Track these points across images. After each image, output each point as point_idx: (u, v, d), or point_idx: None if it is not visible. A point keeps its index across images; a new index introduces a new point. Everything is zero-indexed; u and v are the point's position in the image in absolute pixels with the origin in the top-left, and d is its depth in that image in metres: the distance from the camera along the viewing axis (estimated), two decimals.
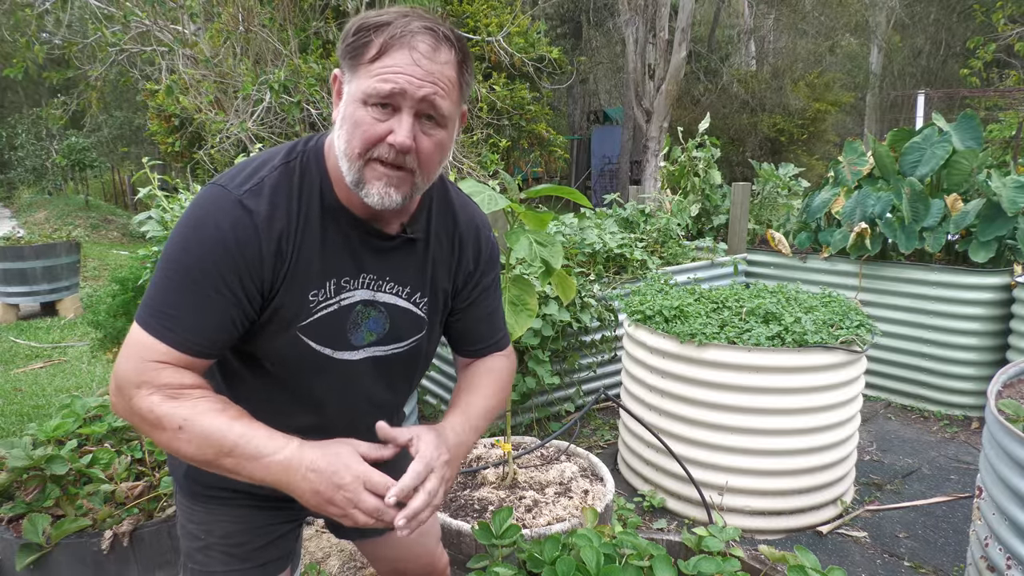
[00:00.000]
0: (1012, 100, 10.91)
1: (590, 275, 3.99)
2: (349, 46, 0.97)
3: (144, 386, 0.96)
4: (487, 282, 1.28)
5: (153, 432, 0.96)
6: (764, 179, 5.72)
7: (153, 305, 0.98)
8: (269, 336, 1.06)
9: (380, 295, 1.12)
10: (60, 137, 14.79)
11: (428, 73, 0.95)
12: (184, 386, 0.97)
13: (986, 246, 3.68)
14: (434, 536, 1.54)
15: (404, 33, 0.94)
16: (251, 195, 1.00)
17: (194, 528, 1.25)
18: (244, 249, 0.98)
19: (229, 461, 0.93)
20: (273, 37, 6.44)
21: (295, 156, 1.06)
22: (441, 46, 0.96)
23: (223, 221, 0.98)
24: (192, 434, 0.93)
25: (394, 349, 1.17)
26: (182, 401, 0.95)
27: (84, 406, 2.12)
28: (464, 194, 1.26)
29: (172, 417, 0.94)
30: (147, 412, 0.95)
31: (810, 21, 16.65)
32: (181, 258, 0.98)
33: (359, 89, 0.96)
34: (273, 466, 0.93)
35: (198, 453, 0.94)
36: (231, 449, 0.93)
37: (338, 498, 0.92)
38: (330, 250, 1.06)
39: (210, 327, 0.99)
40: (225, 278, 0.97)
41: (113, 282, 2.78)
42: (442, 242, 1.18)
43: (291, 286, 1.03)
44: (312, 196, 1.04)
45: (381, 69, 0.94)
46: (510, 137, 9.87)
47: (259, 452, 0.93)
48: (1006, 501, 1.72)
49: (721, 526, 1.34)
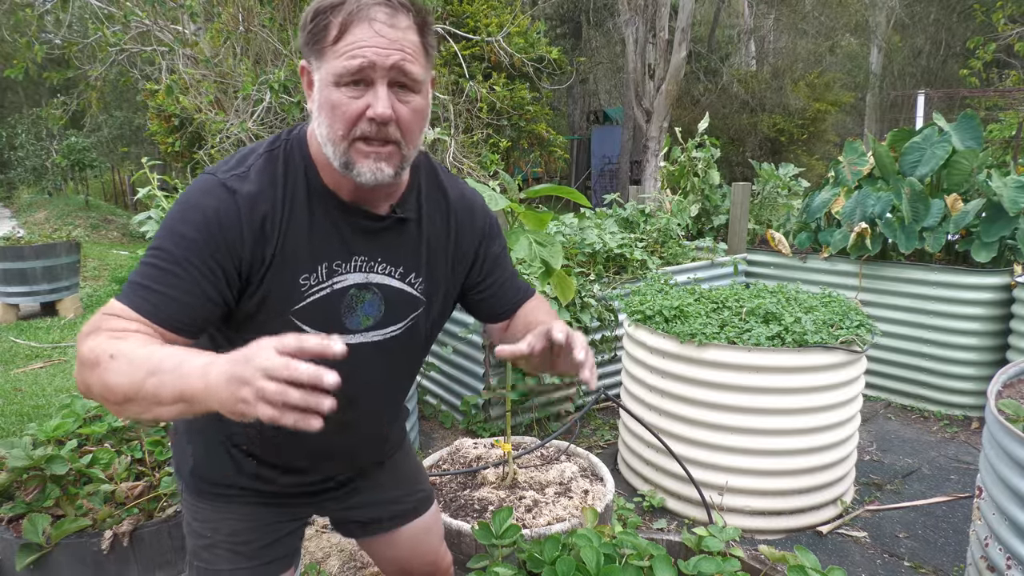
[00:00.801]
0: (1012, 100, 10.91)
1: (590, 275, 3.98)
2: (310, 33, 0.98)
3: (92, 333, 0.92)
4: (496, 250, 1.28)
5: (91, 373, 0.88)
6: (764, 179, 5.72)
7: (131, 278, 0.99)
8: (262, 323, 1.06)
9: (373, 276, 1.12)
10: (60, 137, 14.79)
11: (392, 41, 0.96)
12: (128, 331, 0.93)
13: (989, 246, 3.68)
14: (437, 535, 1.54)
15: (360, 7, 0.95)
16: (236, 179, 1.02)
17: (200, 526, 1.25)
18: (225, 229, 0.99)
19: (152, 380, 0.83)
20: (273, 37, 6.44)
21: (278, 145, 1.08)
22: (399, 13, 0.97)
23: (207, 201, 1.00)
24: (121, 362, 0.86)
25: (392, 332, 1.16)
26: (122, 339, 0.90)
27: (84, 406, 2.12)
28: (453, 175, 1.26)
29: (107, 349, 0.88)
30: (88, 353, 0.89)
31: (810, 21, 16.66)
32: (161, 234, 0.99)
33: (328, 72, 0.97)
34: (191, 372, 0.80)
35: (124, 382, 0.85)
36: (155, 367, 0.83)
37: (243, 394, 0.76)
38: (318, 234, 1.06)
39: (180, 300, 0.97)
40: (200, 253, 0.98)
41: (113, 282, 2.79)
42: (435, 221, 1.18)
43: (280, 270, 1.04)
44: (297, 181, 1.06)
45: (345, 48, 0.95)
46: (510, 137, 9.88)
47: (179, 362, 0.83)
48: (1006, 501, 1.72)
49: (721, 526, 1.34)
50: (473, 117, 8.29)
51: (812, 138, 14.49)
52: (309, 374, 0.73)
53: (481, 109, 8.40)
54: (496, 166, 7.19)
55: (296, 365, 0.73)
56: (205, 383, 0.78)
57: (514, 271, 1.34)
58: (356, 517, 1.42)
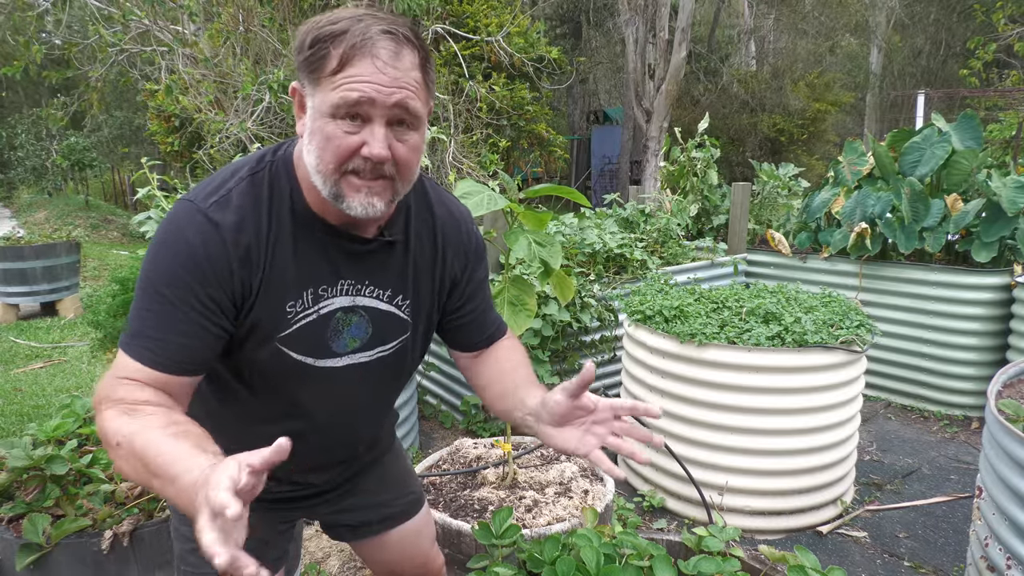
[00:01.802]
0: (1012, 100, 10.90)
1: (590, 275, 3.98)
2: (307, 60, 0.93)
3: (104, 402, 0.92)
4: (480, 275, 1.26)
5: (106, 447, 0.90)
6: (764, 179, 5.72)
7: (130, 325, 0.98)
8: (250, 349, 1.05)
9: (360, 299, 1.10)
10: (60, 137, 14.79)
11: (394, 79, 0.92)
12: (139, 401, 0.92)
13: (989, 246, 3.68)
14: (428, 537, 1.53)
15: (364, 41, 0.90)
16: (217, 208, 0.98)
17: (187, 530, 1.24)
18: (213, 262, 0.96)
19: (155, 483, 0.83)
20: (273, 37, 6.45)
21: (263, 167, 1.04)
22: (403, 49, 0.93)
23: (191, 235, 0.96)
24: (125, 452, 0.86)
25: (379, 353, 1.15)
26: (133, 417, 0.89)
27: (84, 406, 2.12)
28: (442, 189, 1.23)
29: (115, 433, 0.88)
30: (100, 428, 0.90)
31: (810, 21, 16.67)
32: (151, 276, 0.97)
33: (325, 103, 0.93)
34: (182, 492, 0.79)
35: (132, 473, 0.86)
36: (157, 470, 0.82)
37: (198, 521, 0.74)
38: (304, 259, 1.04)
39: (182, 342, 0.96)
40: (195, 291, 0.96)
41: (113, 282, 2.78)
42: (423, 241, 1.16)
43: (266, 298, 1.02)
44: (282, 206, 1.02)
45: (344, 80, 0.91)
46: (509, 137, 9.87)
47: (176, 474, 0.80)
48: (1006, 501, 1.72)
49: (721, 526, 1.34)
50: (473, 117, 8.29)
51: (812, 138, 14.49)
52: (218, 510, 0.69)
53: (481, 109, 8.41)
54: (495, 166, 7.20)
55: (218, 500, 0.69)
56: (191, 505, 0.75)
57: (491, 302, 1.32)
58: (346, 521, 1.42)
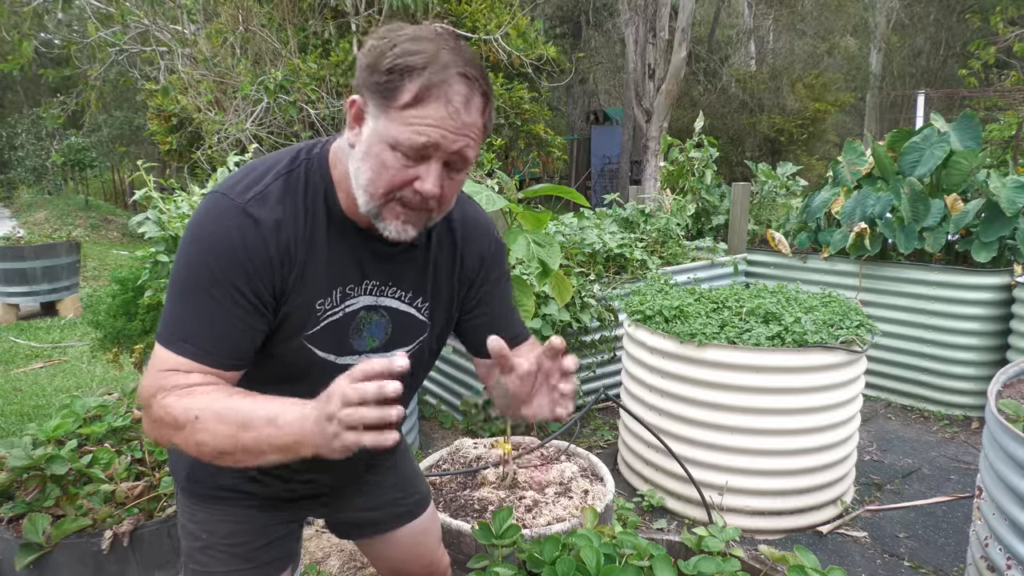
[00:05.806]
0: (1012, 100, 10.90)
1: (590, 275, 3.98)
2: (379, 85, 0.93)
3: (158, 393, 0.95)
4: (495, 275, 1.27)
5: (176, 434, 0.93)
6: (762, 179, 5.72)
7: (170, 321, 0.98)
8: (276, 343, 1.06)
9: (383, 299, 1.12)
10: (60, 137, 14.78)
11: (462, 126, 0.94)
12: (192, 384, 0.95)
13: (988, 246, 3.68)
14: (435, 537, 1.54)
15: (441, 81, 0.91)
16: (256, 204, 0.99)
17: (195, 528, 1.25)
18: (253, 256, 0.97)
19: (249, 435, 0.88)
20: (272, 37, 6.45)
21: (299, 164, 1.05)
22: (475, 95, 0.95)
23: (231, 230, 0.97)
24: (208, 421, 0.90)
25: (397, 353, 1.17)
26: (194, 396, 0.93)
27: (84, 406, 2.12)
28: (464, 194, 1.25)
29: (188, 411, 0.91)
30: (165, 415, 0.93)
31: (809, 22, 16.68)
32: (192, 270, 0.97)
33: (389, 133, 0.93)
34: (287, 425, 0.86)
35: (218, 439, 0.90)
36: (245, 421, 0.88)
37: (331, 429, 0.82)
38: (336, 259, 1.06)
39: (228, 336, 0.98)
40: (237, 285, 0.97)
41: (113, 282, 2.78)
42: (443, 243, 1.18)
43: (299, 296, 1.04)
44: (317, 206, 1.04)
45: (415, 119, 0.92)
46: (507, 137, 9.87)
47: (271, 415, 0.88)
48: (1006, 501, 1.72)
49: (721, 526, 1.34)
50: None
51: (812, 138, 14.50)
52: (373, 390, 0.78)
53: None
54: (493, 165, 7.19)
55: (363, 386, 0.78)
56: (303, 434, 0.85)
57: (516, 310, 1.32)
58: (353, 519, 1.42)
